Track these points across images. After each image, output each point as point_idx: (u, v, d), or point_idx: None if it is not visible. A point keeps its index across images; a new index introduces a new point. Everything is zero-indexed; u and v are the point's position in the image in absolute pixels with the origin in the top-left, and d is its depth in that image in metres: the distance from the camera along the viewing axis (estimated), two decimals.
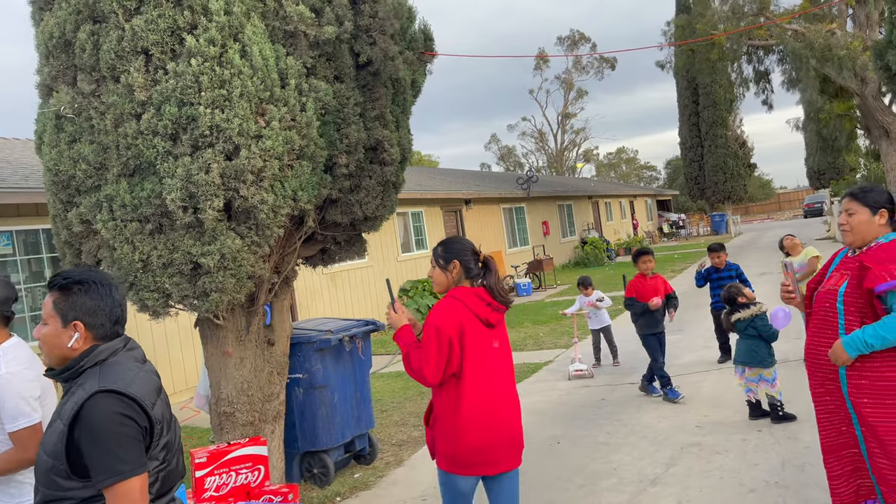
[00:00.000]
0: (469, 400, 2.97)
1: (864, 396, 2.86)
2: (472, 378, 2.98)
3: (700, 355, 8.26)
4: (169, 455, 2.08)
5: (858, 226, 3.01)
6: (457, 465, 3.00)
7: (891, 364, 2.81)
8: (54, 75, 4.19)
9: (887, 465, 2.82)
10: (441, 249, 3.19)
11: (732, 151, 37.03)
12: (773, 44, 24.90)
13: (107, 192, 4.09)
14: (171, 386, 9.26)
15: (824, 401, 3.05)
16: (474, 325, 3.01)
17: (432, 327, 2.97)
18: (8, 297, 2.78)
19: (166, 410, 2.12)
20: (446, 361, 2.95)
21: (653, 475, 4.73)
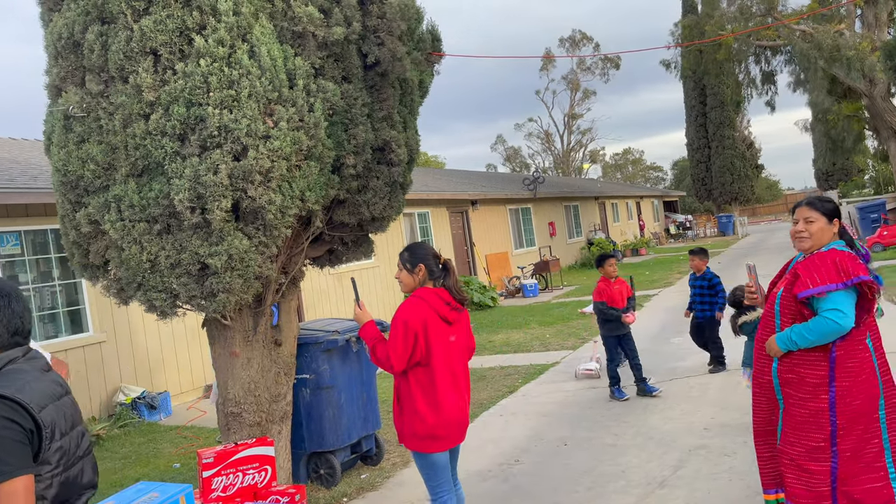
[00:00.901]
0: (434, 386, 3.46)
1: (790, 389, 3.20)
2: (435, 367, 3.46)
3: (705, 357, 8.21)
4: (66, 460, 2.10)
5: (817, 232, 3.24)
6: (429, 442, 3.47)
7: (811, 364, 3.14)
8: (63, 76, 4.20)
9: (798, 453, 3.16)
10: (408, 255, 3.63)
11: (740, 152, 36.90)
12: (780, 44, 24.80)
13: (115, 192, 4.10)
14: (178, 386, 9.29)
15: (759, 391, 3.37)
16: (436, 321, 3.48)
17: (400, 322, 3.42)
18: None
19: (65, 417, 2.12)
20: (411, 352, 3.41)
21: (661, 477, 4.71)
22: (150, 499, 3.26)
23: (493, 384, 8.11)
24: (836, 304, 3.03)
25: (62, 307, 8.26)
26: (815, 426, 3.13)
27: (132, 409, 8.25)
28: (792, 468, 3.21)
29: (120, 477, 6.10)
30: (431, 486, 3.57)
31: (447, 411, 3.47)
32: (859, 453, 3.11)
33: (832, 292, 3.04)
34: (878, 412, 3.13)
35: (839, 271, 3.05)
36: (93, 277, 4.55)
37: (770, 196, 60.18)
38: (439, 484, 3.55)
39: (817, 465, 3.13)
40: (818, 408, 3.12)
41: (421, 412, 3.46)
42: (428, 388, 3.46)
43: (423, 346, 3.43)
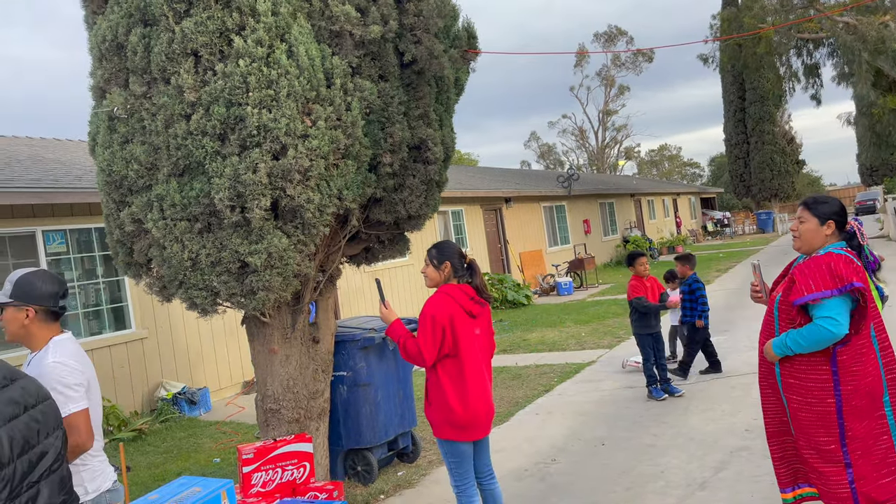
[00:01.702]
0: (463, 376, 3.61)
1: (793, 394, 3.19)
2: (463, 358, 3.61)
3: (747, 357, 8.06)
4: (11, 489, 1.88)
5: (806, 233, 3.25)
6: (459, 432, 3.61)
7: (812, 368, 3.12)
8: (107, 78, 4.29)
9: (812, 456, 3.17)
10: (436, 251, 3.78)
11: (780, 148, 36.10)
12: (823, 37, 24.21)
13: (157, 191, 4.17)
14: (216, 382, 9.44)
15: (767, 392, 3.37)
16: (461, 315, 3.63)
17: (428, 317, 3.58)
18: (55, 291, 2.82)
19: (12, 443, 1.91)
20: (440, 345, 3.56)
21: (701, 479, 4.63)
22: (192, 493, 3.32)
23: (528, 383, 8.07)
24: (829, 312, 3.02)
25: (106, 304, 8.45)
26: (823, 429, 3.13)
27: (173, 405, 8.40)
28: (810, 468, 3.23)
29: (162, 471, 6.22)
30: (456, 476, 3.71)
31: (475, 401, 3.63)
32: (870, 452, 3.10)
33: (827, 299, 3.03)
34: (885, 409, 3.12)
35: (833, 276, 3.03)
36: (136, 275, 4.64)
37: (811, 192, 58.78)
38: (463, 473, 3.69)
39: (830, 468, 3.13)
40: (824, 411, 3.11)
41: (451, 402, 3.60)
42: (457, 379, 3.62)
43: (450, 338, 3.59)
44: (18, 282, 2.75)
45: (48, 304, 2.77)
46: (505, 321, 13.40)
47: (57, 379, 2.65)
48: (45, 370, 2.66)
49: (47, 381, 2.63)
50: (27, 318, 2.73)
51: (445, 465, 3.80)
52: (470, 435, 3.64)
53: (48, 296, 2.78)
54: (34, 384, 2.11)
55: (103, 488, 2.82)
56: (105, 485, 2.83)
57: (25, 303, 2.73)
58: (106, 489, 2.83)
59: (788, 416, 3.26)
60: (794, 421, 3.23)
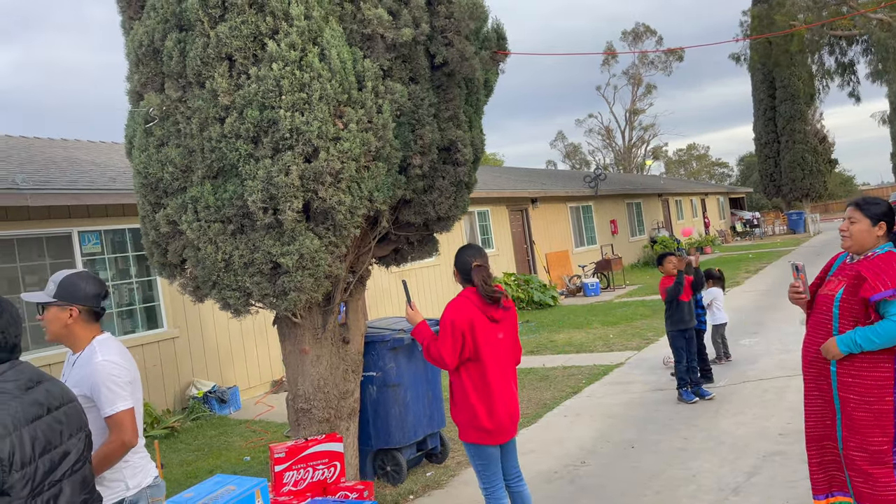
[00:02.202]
0: (486, 381, 3.61)
1: (850, 393, 3.16)
2: (485, 362, 3.61)
3: (779, 360, 7.95)
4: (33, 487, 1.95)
5: (858, 234, 3.26)
6: (480, 435, 3.62)
7: (874, 366, 3.10)
8: (144, 82, 4.36)
9: (860, 458, 3.14)
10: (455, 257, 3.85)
11: (811, 147, 35.46)
12: (856, 34, 23.74)
13: (192, 193, 4.24)
14: (246, 380, 9.55)
15: (813, 395, 3.34)
16: (481, 319, 3.63)
17: (448, 321, 3.60)
18: (97, 292, 2.88)
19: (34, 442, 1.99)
20: (461, 348, 3.57)
21: (734, 484, 4.58)
22: (227, 491, 3.37)
23: (556, 384, 8.04)
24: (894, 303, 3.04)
25: (138, 304, 8.60)
26: (878, 429, 3.12)
27: (203, 403, 8.52)
28: (856, 471, 3.19)
29: (194, 468, 6.31)
30: (483, 478, 3.72)
31: (498, 406, 3.63)
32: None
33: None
34: None
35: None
36: (170, 276, 4.71)
37: (844, 192, 57.65)
38: (490, 476, 3.71)
39: (880, 469, 3.12)
40: (883, 410, 3.11)
41: (475, 406, 3.62)
42: (479, 383, 3.63)
43: (470, 343, 3.60)
44: (62, 282, 2.80)
45: (91, 305, 2.83)
46: (531, 322, 13.36)
47: (107, 376, 2.71)
48: (94, 368, 2.71)
49: (97, 379, 2.70)
50: (70, 317, 2.78)
51: (473, 469, 3.81)
52: (494, 438, 3.66)
53: (91, 296, 2.83)
54: (59, 387, 2.20)
55: (144, 484, 2.87)
56: (146, 481, 2.88)
57: (69, 303, 2.78)
58: (147, 485, 2.88)
59: (839, 417, 3.23)
60: (847, 421, 3.19)
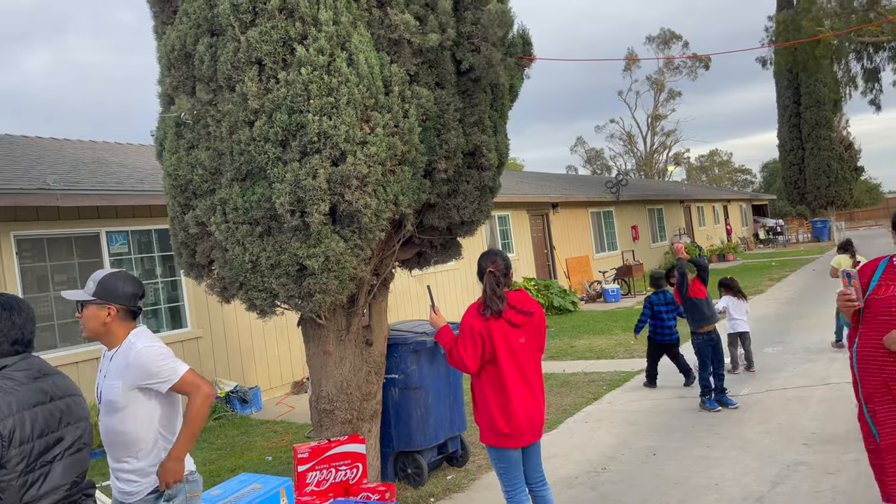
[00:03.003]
0: (504, 385, 3.63)
1: None
2: (503, 367, 3.63)
3: (804, 369, 7.86)
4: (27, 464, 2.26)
5: None
6: (503, 439, 3.64)
7: None
8: (175, 85, 4.44)
9: None
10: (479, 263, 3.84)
11: (837, 154, 34.99)
12: (884, 40, 23.43)
13: (221, 195, 4.30)
14: (267, 381, 9.63)
15: (884, 400, 3.23)
16: (500, 323, 3.64)
17: (466, 326, 3.65)
18: (135, 292, 2.99)
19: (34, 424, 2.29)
20: (481, 352, 3.61)
21: (758, 493, 4.54)
22: (253, 489, 3.42)
23: (576, 390, 8.02)
24: None
25: (163, 303, 8.71)
26: None
27: (226, 403, 8.61)
28: None
29: (217, 467, 6.38)
30: (504, 481, 3.76)
31: (516, 410, 3.65)
32: None
33: None
34: None
35: None
36: (198, 276, 4.78)
37: (870, 200, 56.81)
38: (510, 479, 3.73)
39: None
40: None
41: (493, 410, 3.66)
42: (498, 387, 3.66)
43: (489, 347, 3.64)
44: (102, 281, 2.90)
45: (129, 304, 2.93)
46: (552, 327, 13.33)
47: (156, 356, 2.84)
48: (139, 356, 2.82)
49: (146, 362, 2.83)
50: (108, 316, 2.88)
51: (495, 472, 3.82)
52: (514, 442, 3.67)
53: (129, 296, 2.94)
54: (66, 382, 2.49)
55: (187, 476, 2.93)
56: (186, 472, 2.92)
57: (107, 301, 2.88)
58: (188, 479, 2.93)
59: None
60: None
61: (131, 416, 2.82)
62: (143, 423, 2.84)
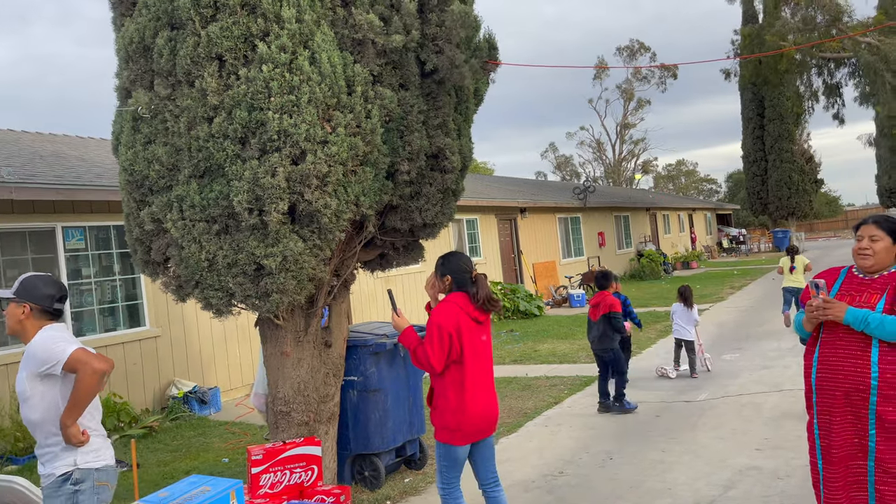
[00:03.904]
0: (469, 382, 3.71)
1: (891, 405, 3.10)
2: (468, 365, 3.71)
3: (759, 376, 8.01)
4: None
5: (881, 252, 3.25)
6: (459, 436, 3.70)
7: None
8: (133, 79, 4.36)
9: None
10: (441, 263, 3.90)
11: (798, 166, 35.83)
12: (845, 56, 24.07)
13: (177, 192, 4.23)
14: (227, 382, 9.50)
15: (844, 412, 3.24)
16: (467, 322, 3.73)
17: (434, 325, 3.67)
18: (52, 294, 3.21)
19: None
20: (448, 351, 3.64)
21: (710, 497, 4.61)
22: (202, 492, 3.35)
23: (538, 393, 8.06)
24: None
25: (121, 301, 8.54)
26: None
27: (184, 403, 8.47)
28: (892, 485, 3.14)
29: (171, 469, 6.27)
30: (447, 478, 3.81)
31: (478, 407, 3.73)
32: None
33: None
34: None
35: None
36: (153, 274, 4.70)
37: (829, 212, 58.24)
38: (453, 476, 3.81)
39: None
40: None
41: (454, 407, 3.70)
42: (460, 385, 3.71)
43: (457, 346, 3.68)
44: (23, 281, 3.17)
45: (44, 304, 3.17)
46: (516, 331, 13.39)
47: (44, 341, 3.06)
48: (32, 346, 3.08)
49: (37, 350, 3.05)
50: (23, 314, 3.12)
51: (436, 466, 3.86)
52: (468, 439, 3.75)
53: (45, 297, 3.17)
54: None
55: (94, 465, 3.09)
56: (96, 463, 3.10)
57: (24, 300, 3.13)
58: (96, 467, 3.09)
59: (873, 433, 3.15)
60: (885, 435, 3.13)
61: (38, 404, 3.05)
62: (50, 410, 3.05)
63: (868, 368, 3.14)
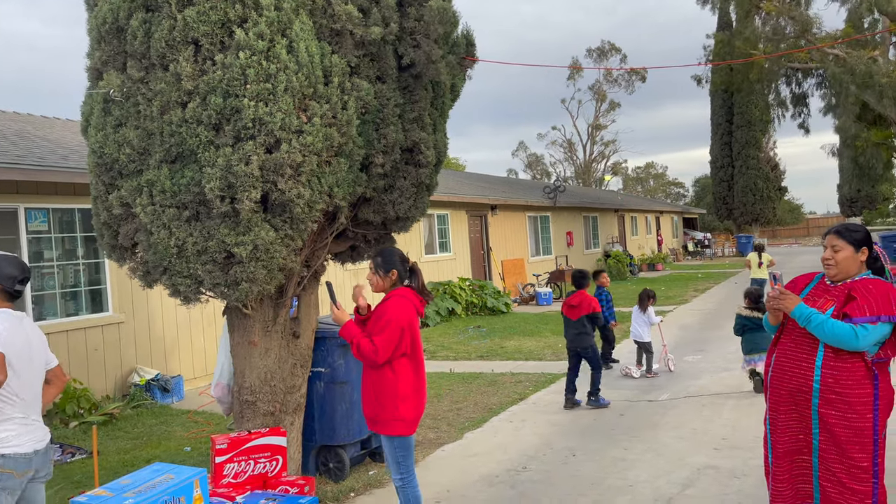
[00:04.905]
0: (418, 374, 3.91)
1: (832, 409, 3.23)
2: (418, 357, 3.92)
3: (720, 377, 8.18)
4: None
5: (844, 261, 3.34)
6: (413, 426, 3.87)
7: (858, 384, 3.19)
8: (105, 60, 4.28)
9: (840, 469, 3.23)
10: (381, 260, 4.00)
11: (764, 173, 36.59)
12: (812, 67, 24.62)
13: (148, 177, 4.17)
14: (191, 371, 9.39)
15: (788, 409, 3.39)
16: (415, 317, 3.90)
17: (392, 319, 3.78)
18: (14, 275, 3.22)
19: None
20: (395, 346, 3.77)
21: (668, 495, 4.70)
22: (165, 479, 3.33)
23: (503, 390, 8.12)
24: (870, 328, 3.15)
25: (84, 286, 8.38)
26: (858, 445, 3.20)
27: (146, 391, 8.35)
28: (834, 483, 3.27)
29: (132, 457, 6.19)
30: (404, 469, 3.92)
31: (422, 397, 3.95)
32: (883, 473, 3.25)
33: (883, 322, 3.16)
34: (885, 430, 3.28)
35: (893, 304, 3.17)
36: (120, 259, 4.63)
37: (792, 219, 59.53)
38: (410, 465, 3.94)
39: (859, 486, 3.21)
40: (863, 427, 3.19)
41: (407, 397, 3.84)
42: (412, 376, 3.89)
43: (408, 339, 3.83)
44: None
45: (4, 285, 3.20)
46: (483, 328, 13.46)
47: None
48: None
49: None
50: None
51: (390, 461, 3.94)
52: (414, 428, 3.90)
53: (7, 277, 3.19)
54: None
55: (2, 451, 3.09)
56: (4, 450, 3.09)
57: None
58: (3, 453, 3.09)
59: (816, 432, 3.29)
60: (826, 435, 3.25)
61: None
62: None
63: (811, 371, 3.28)
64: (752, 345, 7.33)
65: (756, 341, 7.28)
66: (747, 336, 7.39)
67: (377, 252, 4.08)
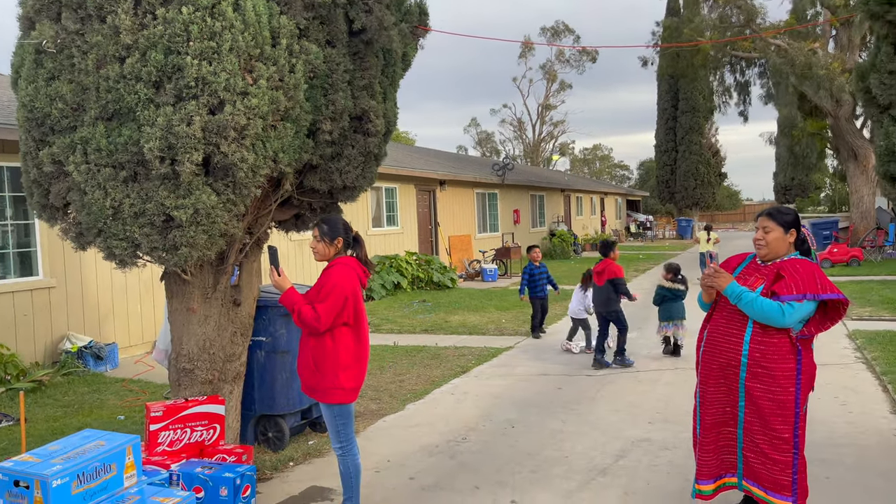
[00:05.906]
0: (360, 342, 3.92)
1: (758, 382, 3.41)
2: (361, 326, 3.92)
3: (656, 353, 8.43)
4: None
5: (774, 242, 3.49)
6: (352, 394, 3.89)
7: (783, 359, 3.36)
8: (38, 8, 4.05)
9: (763, 441, 3.42)
10: (327, 228, 3.96)
11: (705, 159, 37.56)
12: (755, 56, 25.26)
13: (82, 134, 3.99)
14: (127, 338, 9.13)
15: (717, 382, 3.56)
16: (359, 286, 3.89)
17: (337, 287, 3.78)
18: None
19: None
20: (338, 314, 3.76)
21: (602, 465, 4.84)
22: (96, 446, 3.23)
23: (446, 363, 8.18)
24: (796, 306, 3.30)
25: (12, 248, 8.02)
26: (780, 417, 3.37)
27: (78, 358, 8.09)
28: (757, 453, 3.45)
29: (61, 425, 6.00)
30: (343, 437, 3.94)
31: (363, 366, 3.97)
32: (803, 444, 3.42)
33: (808, 301, 3.31)
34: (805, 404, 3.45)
35: (818, 284, 3.33)
36: (51, 219, 4.43)
37: (730, 205, 61.46)
38: (349, 432, 3.97)
39: (781, 456, 3.39)
40: (785, 399, 3.36)
41: (348, 366, 3.85)
42: (355, 345, 3.89)
43: (351, 308, 3.83)
44: None
45: None
46: (428, 302, 13.49)
47: None
48: None
49: None
50: None
51: (330, 429, 3.95)
52: (354, 397, 3.93)
53: None
54: None
55: None
56: None
57: None
58: None
59: (742, 404, 3.46)
60: (752, 407, 3.43)
61: None
62: None
63: (741, 346, 3.44)
64: (668, 313, 8.21)
65: (672, 310, 8.18)
66: (665, 305, 8.24)
67: (322, 219, 4.02)
